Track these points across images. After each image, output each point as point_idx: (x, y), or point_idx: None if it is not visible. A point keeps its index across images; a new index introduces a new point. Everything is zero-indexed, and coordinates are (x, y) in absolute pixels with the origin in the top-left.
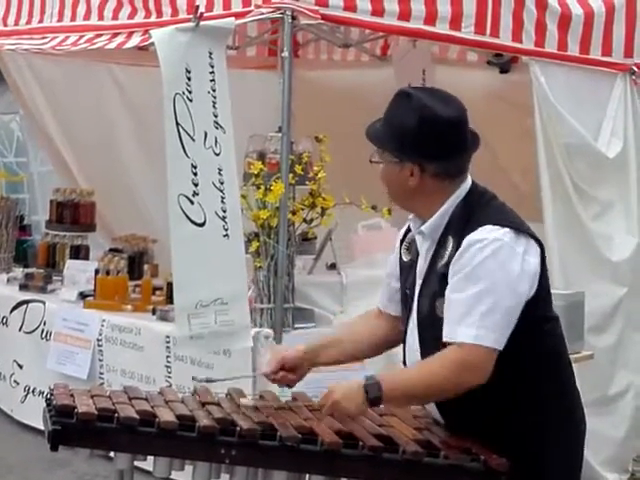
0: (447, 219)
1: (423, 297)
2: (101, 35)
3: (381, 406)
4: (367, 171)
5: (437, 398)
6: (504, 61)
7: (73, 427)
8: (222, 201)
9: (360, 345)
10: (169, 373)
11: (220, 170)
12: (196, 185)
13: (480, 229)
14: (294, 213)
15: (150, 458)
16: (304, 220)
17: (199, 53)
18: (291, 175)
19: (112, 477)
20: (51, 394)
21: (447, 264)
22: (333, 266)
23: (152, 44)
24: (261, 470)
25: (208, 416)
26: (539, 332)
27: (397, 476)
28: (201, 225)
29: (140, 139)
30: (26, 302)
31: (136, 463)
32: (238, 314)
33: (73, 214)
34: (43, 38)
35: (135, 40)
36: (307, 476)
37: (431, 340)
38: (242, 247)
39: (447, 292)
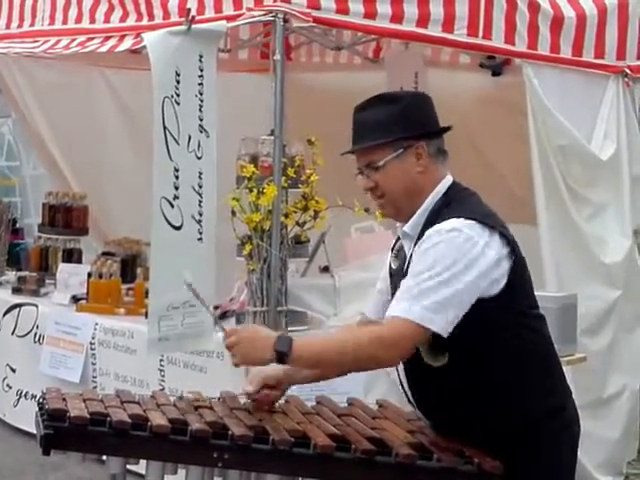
0: (426, 216)
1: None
2: (93, 38)
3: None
4: None
5: (350, 368)
6: (497, 63)
7: (65, 431)
8: (199, 205)
9: None
10: (162, 377)
11: (200, 174)
12: (177, 189)
13: (444, 222)
14: (287, 216)
15: (143, 462)
16: (297, 223)
17: (190, 56)
18: (284, 178)
19: None
20: (43, 398)
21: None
22: (326, 269)
23: (144, 47)
24: (254, 474)
25: (200, 420)
26: (516, 328)
27: (390, 479)
28: (178, 228)
29: (132, 142)
30: (19, 305)
31: (129, 467)
32: (204, 316)
33: (66, 217)
34: (35, 42)
35: (127, 43)
36: (300, 479)
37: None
38: (213, 251)
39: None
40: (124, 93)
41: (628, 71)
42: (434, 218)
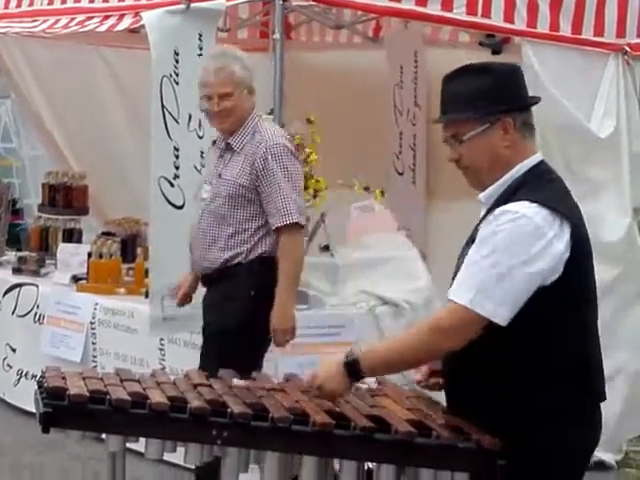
0: (504, 188)
1: (458, 260)
2: (92, 18)
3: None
4: (359, 153)
5: (417, 363)
6: (496, 42)
7: (65, 409)
8: None
9: None
10: (162, 356)
11: (202, 153)
12: (177, 168)
13: (517, 202)
14: None
15: (142, 440)
16: None
17: (189, 35)
18: None
19: (104, 459)
20: (43, 376)
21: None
22: (326, 248)
23: (143, 26)
24: (253, 451)
25: (200, 397)
26: (561, 317)
27: (389, 456)
28: (180, 208)
29: (132, 122)
30: (19, 285)
31: (128, 445)
32: None
33: (66, 197)
34: (34, 21)
35: (126, 22)
36: (299, 457)
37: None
38: None
39: (468, 254)
40: (123, 72)
41: (628, 49)
42: (509, 194)
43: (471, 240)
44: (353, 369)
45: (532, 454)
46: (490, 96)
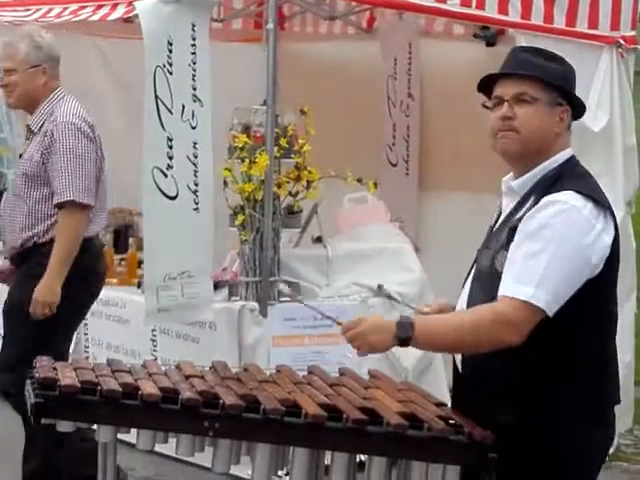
0: (538, 178)
1: (487, 250)
2: (85, 7)
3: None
4: (352, 144)
5: (470, 349)
6: (491, 34)
7: (56, 400)
8: (195, 175)
9: None
10: (155, 347)
11: (195, 144)
12: (171, 158)
13: (564, 192)
14: (279, 186)
15: (133, 431)
16: (289, 193)
17: (182, 25)
18: (276, 148)
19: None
20: (34, 367)
21: (521, 218)
22: (319, 239)
23: (136, 16)
24: (245, 443)
25: (191, 389)
26: (588, 314)
27: (381, 449)
28: (173, 198)
29: (125, 112)
30: None
31: (119, 436)
32: (203, 287)
33: None
34: (26, 10)
35: (119, 12)
36: (291, 449)
37: (480, 292)
38: (211, 221)
39: (512, 246)
40: (116, 62)
41: (622, 41)
42: (548, 183)
43: (512, 230)
44: (404, 331)
45: (549, 451)
46: (565, 80)
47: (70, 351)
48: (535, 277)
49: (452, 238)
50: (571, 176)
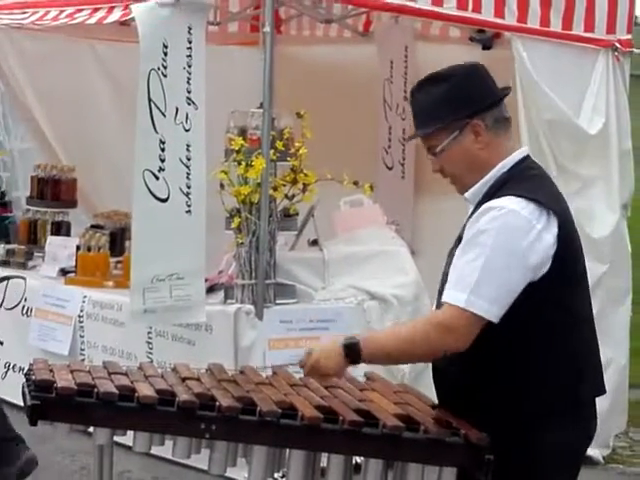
0: (488, 186)
1: (448, 258)
2: (82, 10)
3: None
4: (349, 147)
5: (417, 358)
6: (487, 37)
7: (52, 402)
8: (187, 177)
9: None
10: (150, 349)
11: (188, 146)
12: (163, 161)
13: (502, 198)
14: (275, 189)
15: (130, 433)
16: (286, 196)
17: (178, 28)
18: (272, 151)
19: (92, 452)
20: (30, 369)
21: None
22: (315, 242)
23: (133, 19)
24: (241, 445)
25: (188, 391)
26: (545, 310)
27: (377, 451)
28: (164, 201)
29: (121, 115)
30: (7, 278)
31: (116, 438)
32: (195, 289)
33: (54, 190)
34: (23, 13)
35: (116, 15)
36: (287, 451)
37: (439, 298)
38: (203, 224)
39: (456, 254)
40: (113, 66)
41: (618, 45)
42: (494, 191)
43: (459, 239)
44: (352, 351)
45: (521, 452)
46: (452, 103)
47: (66, 353)
48: (470, 283)
49: (448, 241)
50: (517, 180)
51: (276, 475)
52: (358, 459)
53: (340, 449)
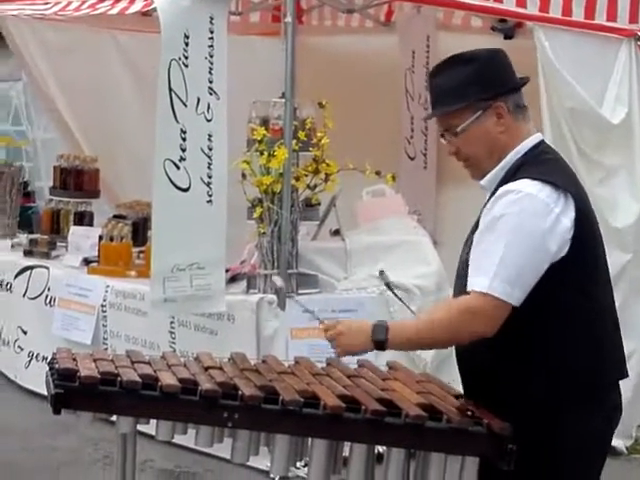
0: (504, 172)
1: (465, 246)
2: (104, 1)
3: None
4: (371, 137)
5: (444, 344)
6: (508, 27)
7: (76, 391)
8: (209, 167)
9: None
10: (173, 339)
11: (210, 136)
12: (184, 150)
13: (519, 181)
14: (298, 179)
15: (153, 422)
16: (308, 186)
17: (200, 18)
18: (294, 141)
19: (115, 441)
20: (54, 358)
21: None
22: (337, 232)
23: (155, 9)
24: (263, 434)
25: (210, 380)
26: (567, 293)
27: (399, 440)
28: (185, 190)
29: (143, 105)
30: (30, 268)
31: (139, 427)
32: (215, 279)
33: (77, 180)
34: (46, 4)
35: (138, 5)
36: (309, 440)
37: (460, 288)
38: (224, 213)
39: (474, 239)
40: (135, 56)
41: None
42: (510, 176)
43: (476, 225)
44: (380, 333)
45: (544, 443)
46: (478, 83)
47: (89, 343)
48: (491, 268)
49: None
50: (532, 163)
51: (298, 464)
52: (380, 448)
53: (362, 438)
